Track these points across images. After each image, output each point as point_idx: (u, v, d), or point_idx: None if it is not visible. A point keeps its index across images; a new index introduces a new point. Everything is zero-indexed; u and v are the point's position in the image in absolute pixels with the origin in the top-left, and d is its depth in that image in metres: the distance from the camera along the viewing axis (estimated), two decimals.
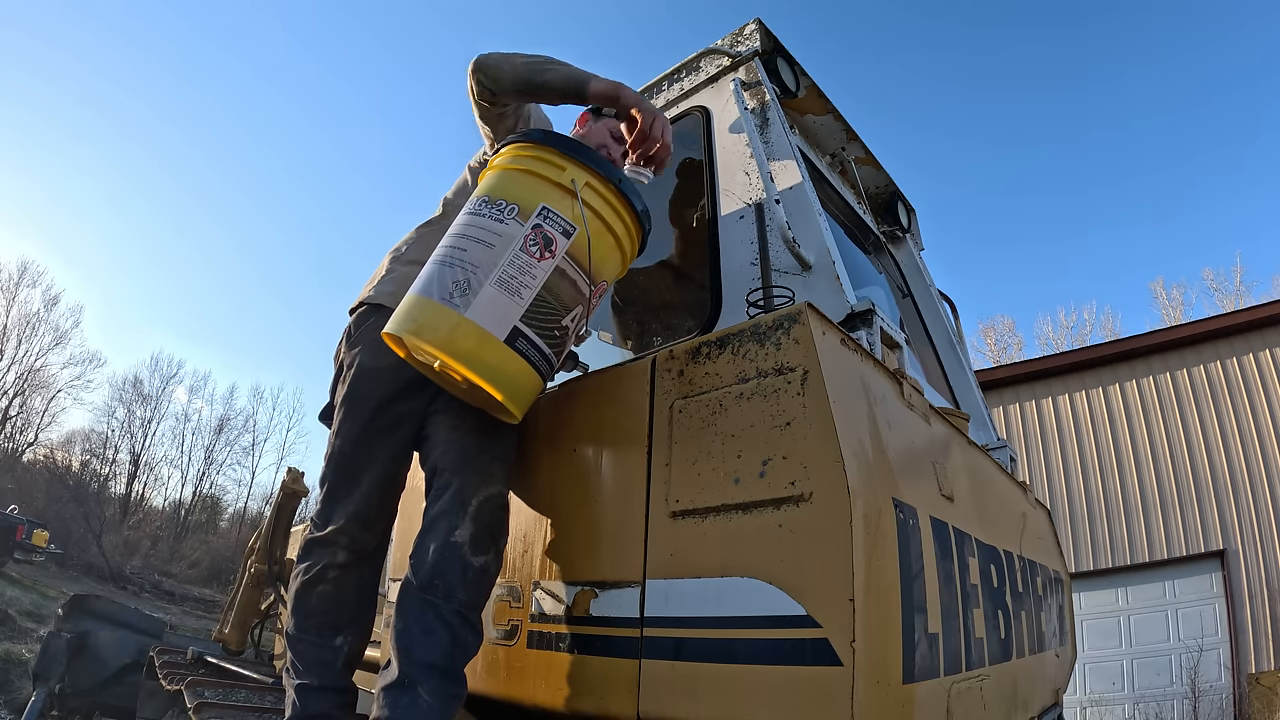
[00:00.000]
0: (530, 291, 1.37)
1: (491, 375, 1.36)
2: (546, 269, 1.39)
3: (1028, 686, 1.97)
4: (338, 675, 1.70)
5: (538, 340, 1.39)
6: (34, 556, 17.29)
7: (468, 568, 1.52)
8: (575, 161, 1.47)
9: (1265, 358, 9.03)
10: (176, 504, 33.98)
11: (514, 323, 1.36)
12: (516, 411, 1.44)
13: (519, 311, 1.36)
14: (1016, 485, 2.40)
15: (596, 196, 1.47)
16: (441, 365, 1.41)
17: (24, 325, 31.27)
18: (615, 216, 1.50)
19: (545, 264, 1.38)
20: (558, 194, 1.44)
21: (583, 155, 1.48)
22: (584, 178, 1.45)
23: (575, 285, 1.42)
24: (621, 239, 1.53)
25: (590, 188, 1.46)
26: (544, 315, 1.39)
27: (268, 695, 2.77)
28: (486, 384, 1.36)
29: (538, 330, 1.38)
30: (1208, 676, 8.23)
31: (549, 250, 1.39)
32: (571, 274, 1.41)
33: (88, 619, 5.76)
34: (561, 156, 1.47)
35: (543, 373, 1.44)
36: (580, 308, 1.44)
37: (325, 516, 1.71)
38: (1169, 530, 8.97)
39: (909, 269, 3.13)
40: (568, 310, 1.42)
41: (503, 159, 1.54)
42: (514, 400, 1.41)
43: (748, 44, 2.21)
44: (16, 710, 6.98)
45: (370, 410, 1.69)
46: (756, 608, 1.21)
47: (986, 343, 30.67)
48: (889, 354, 1.61)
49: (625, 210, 1.52)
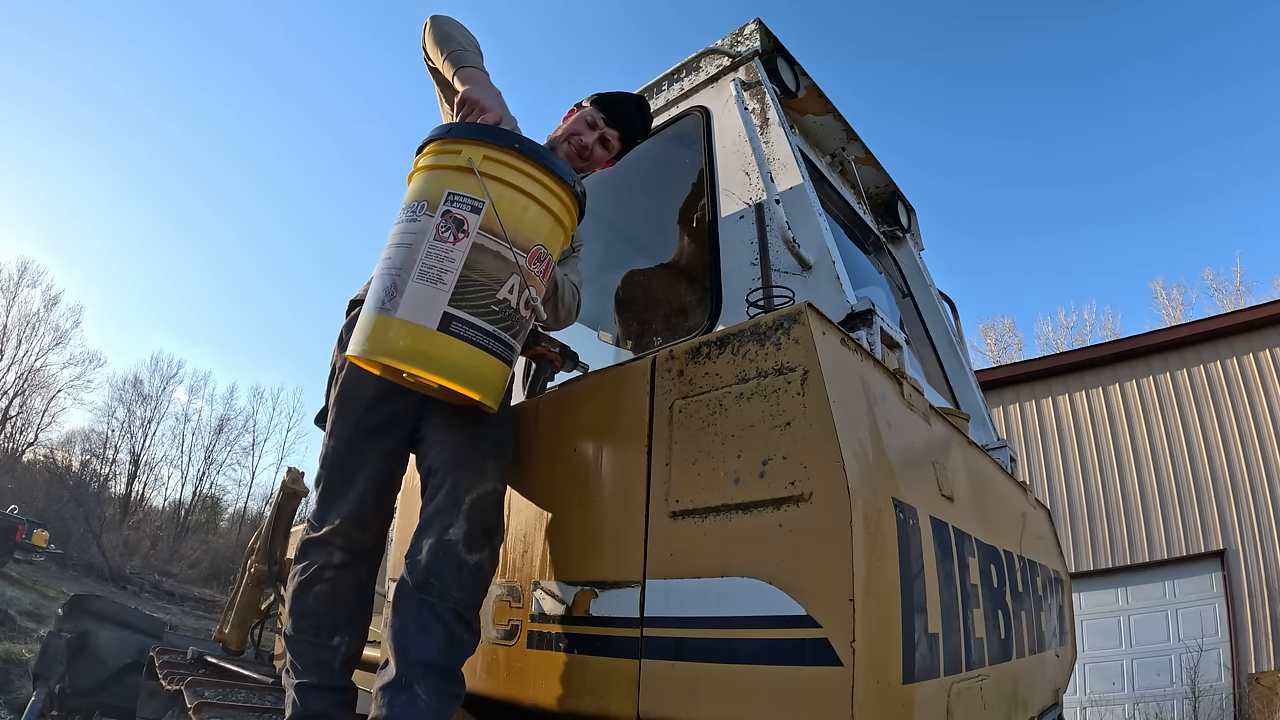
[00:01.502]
0: (452, 275, 1.38)
1: (434, 365, 1.38)
2: (464, 249, 1.40)
3: (1028, 686, 1.97)
4: (336, 675, 1.70)
5: (475, 319, 1.39)
6: (34, 556, 17.28)
7: (462, 565, 1.52)
8: (469, 140, 1.48)
9: (1265, 358, 9.03)
10: (176, 504, 33.99)
11: (443, 308, 1.37)
12: (481, 396, 1.43)
13: (445, 296, 1.38)
14: (1016, 485, 2.40)
15: (498, 165, 1.47)
16: (385, 370, 1.46)
17: (24, 325, 31.28)
18: (527, 179, 1.49)
19: (461, 244, 1.40)
20: (459, 177, 1.46)
21: (477, 133, 1.50)
22: (480, 152, 1.46)
23: (499, 256, 1.42)
24: (542, 199, 1.51)
25: (490, 159, 1.47)
26: (474, 293, 1.40)
27: (268, 695, 2.77)
28: (432, 375, 1.39)
29: (471, 309, 1.39)
30: (1208, 676, 8.23)
31: (462, 231, 1.41)
32: (492, 246, 1.42)
33: (88, 619, 5.76)
34: (456, 141, 1.50)
35: (496, 352, 1.43)
36: (515, 277, 1.44)
37: (321, 517, 1.73)
38: (1169, 530, 8.97)
39: (909, 269, 3.13)
40: (499, 282, 1.42)
41: (414, 169, 1.57)
42: (473, 385, 1.41)
43: (748, 44, 2.21)
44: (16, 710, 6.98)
45: (362, 410, 1.70)
46: (757, 608, 1.21)
47: (986, 343, 30.69)
48: (889, 354, 1.61)
49: (538, 170, 1.51)
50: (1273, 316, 9.08)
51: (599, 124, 2.00)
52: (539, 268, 1.50)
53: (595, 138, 1.99)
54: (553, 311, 1.92)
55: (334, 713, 1.67)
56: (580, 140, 1.98)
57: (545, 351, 1.99)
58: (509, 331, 1.46)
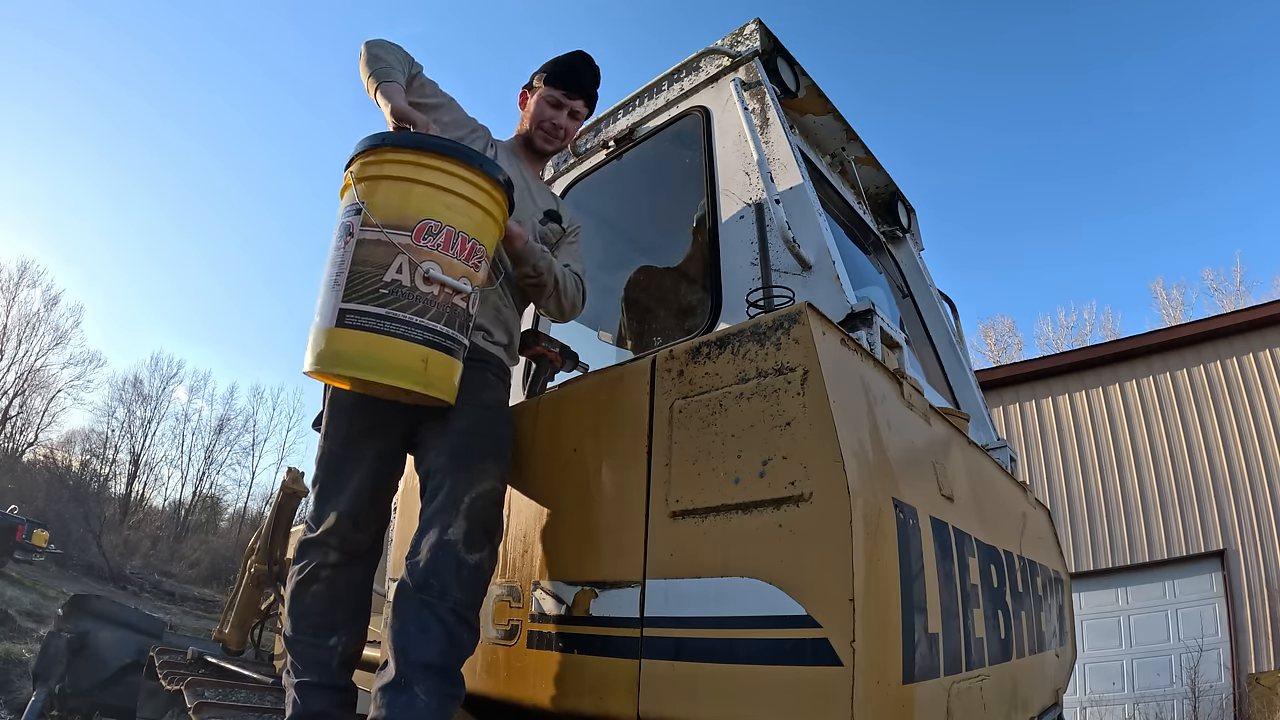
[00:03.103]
0: (344, 275, 1.47)
1: (342, 361, 1.44)
2: (351, 249, 1.49)
3: (1028, 686, 1.97)
4: (335, 674, 1.70)
5: (365, 306, 1.44)
6: (34, 556, 17.27)
7: (461, 566, 1.52)
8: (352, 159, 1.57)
9: (1265, 358, 9.02)
10: (176, 504, 33.97)
11: (337, 306, 1.45)
12: (409, 384, 1.45)
13: (339, 295, 1.46)
14: (1016, 485, 2.40)
15: (373, 165, 1.54)
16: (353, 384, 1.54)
17: (24, 325, 31.23)
18: (402, 165, 1.53)
19: (349, 245, 1.49)
20: (347, 192, 1.56)
21: (356, 149, 1.57)
22: (356, 164, 1.55)
23: (380, 243, 1.47)
24: (427, 178, 1.53)
25: (366, 164, 1.55)
26: (361, 283, 1.45)
27: (268, 695, 2.77)
28: (344, 372, 1.46)
29: (362, 299, 1.44)
30: (1208, 676, 8.23)
31: (349, 234, 1.50)
32: (373, 236, 1.48)
33: (88, 619, 5.75)
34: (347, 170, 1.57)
35: (398, 333, 1.44)
36: (400, 257, 1.46)
37: (317, 518, 1.74)
38: (1169, 530, 8.97)
39: (909, 269, 3.13)
40: (385, 266, 1.46)
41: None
42: (390, 374, 1.44)
43: (748, 44, 2.21)
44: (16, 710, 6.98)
45: (354, 411, 1.72)
46: (756, 608, 1.21)
47: (986, 343, 30.67)
48: (889, 354, 1.61)
49: (412, 154, 1.54)
50: (1273, 316, 9.08)
51: (563, 100, 2.03)
52: (433, 240, 1.50)
53: (565, 115, 2.04)
54: (556, 304, 1.93)
55: (334, 712, 1.67)
56: (552, 123, 2.03)
57: (545, 351, 1.99)
58: (411, 310, 1.46)
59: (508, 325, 1.94)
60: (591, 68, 2.07)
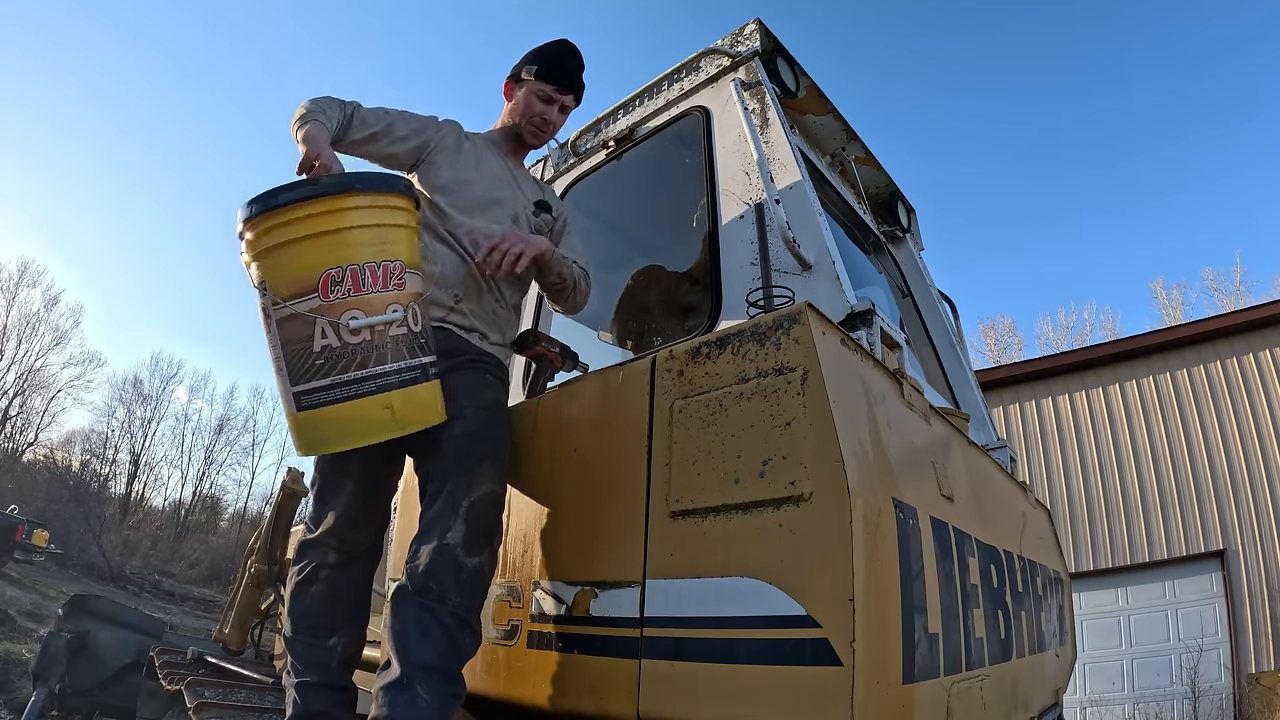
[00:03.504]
0: (281, 359, 1.46)
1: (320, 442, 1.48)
2: (275, 331, 1.46)
3: (1028, 686, 1.97)
4: (335, 674, 1.71)
5: (313, 384, 1.43)
6: (34, 556, 17.27)
7: (461, 569, 1.52)
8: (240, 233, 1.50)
9: (1265, 358, 9.02)
10: (176, 504, 33.98)
11: (290, 391, 1.46)
12: (390, 434, 1.47)
13: (287, 380, 1.46)
14: (1016, 485, 2.40)
15: (261, 237, 1.46)
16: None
17: (24, 325, 31.24)
18: (280, 227, 1.44)
19: (271, 328, 1.47)
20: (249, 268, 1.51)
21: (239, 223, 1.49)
22: (246, 239, 1.49)
23: (294, 315, 1.43)
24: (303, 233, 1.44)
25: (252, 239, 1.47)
26: (297, 362, 1.44)
27: (268, 695, 2.77)
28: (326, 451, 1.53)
29: (304, 377, 1.44)
30: (1208, 676, 8.23)
31: (267, 315, 1.47)
32: (285, 313, 1.44)
33: (88, 619, 5.75)
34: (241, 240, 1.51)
35: (353, 395, 1.43)
36: (319, 321, 1.41)
37: (316, 518, 1.75)
38: (1169, 530, 8.97)
39: (909, 269, 3.13)
40: (309, 337, 1.42)
41: None
42: (369, 434, 1.46)
43: (748, 44, 2.21)
44: (16, 710, 6.98)
45: None
46: (756, 608, 1.21)
47: (986, 343, 30.67)
48: (889, 354, 1.61)
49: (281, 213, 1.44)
50: (1273, 316, 9.08)
51: (554, 96, 2.04)
52: (341, 289, 1.43)
53: (555, 110, 2.05)
54: (572, 302, 1.98)
55: (334, 711, 1.68)
56: (543, 118, 2.05)
57: (545, 351, 1.99)
58: (353, 367, 1.43)
59: (503, 325, 1.94)
60: (578, 58, 2.08)
